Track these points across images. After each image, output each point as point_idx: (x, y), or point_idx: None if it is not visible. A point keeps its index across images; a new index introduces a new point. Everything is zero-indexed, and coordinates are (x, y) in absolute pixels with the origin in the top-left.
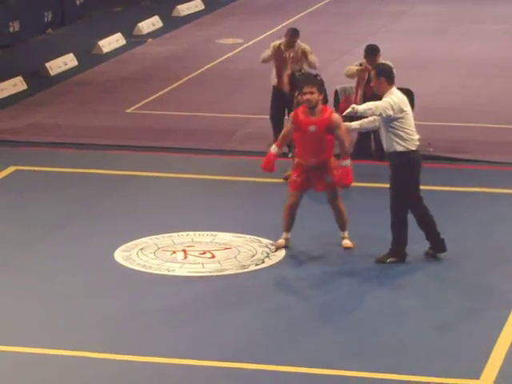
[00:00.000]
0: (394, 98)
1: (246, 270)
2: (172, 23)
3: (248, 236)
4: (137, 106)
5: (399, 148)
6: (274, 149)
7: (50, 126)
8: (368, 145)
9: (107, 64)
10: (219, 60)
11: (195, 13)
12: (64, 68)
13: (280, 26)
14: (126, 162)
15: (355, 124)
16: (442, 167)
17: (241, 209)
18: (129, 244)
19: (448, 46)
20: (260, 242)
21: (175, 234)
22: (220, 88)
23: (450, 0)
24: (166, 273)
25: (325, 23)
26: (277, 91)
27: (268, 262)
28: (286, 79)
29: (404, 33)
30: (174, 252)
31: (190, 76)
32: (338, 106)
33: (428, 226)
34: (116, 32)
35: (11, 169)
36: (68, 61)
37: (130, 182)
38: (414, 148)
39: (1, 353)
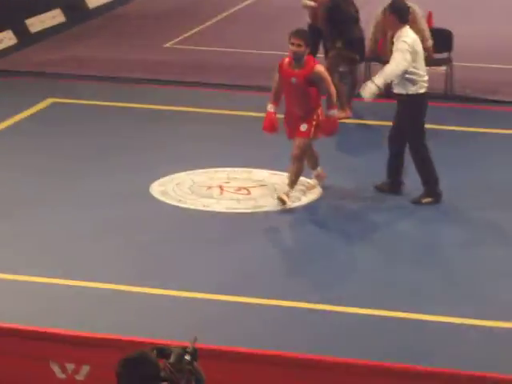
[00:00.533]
0: (408, 40)
1: (280, 208)
2: None
3: (284, 173)
4: (175, 40)
5: (410, 91)
6: (270, 107)
7: (88, 59)
8: None
9: None
10: None
11: None
12: (102, 1)
13: None
14: (162, 96)
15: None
16: (479, 108)
17: (277, 146)
18: (165, 178)
19: None
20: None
21: (211, 170)
22: (256, 25)
23: None
24: (201, 208)
25: None
26: (313, 28)
27: (304, 200)
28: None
29: None
30: (210, 188)
31: (226, 13)
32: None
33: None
34: None
35: (48, 101)
36: None
37: (167, 116)
38: (423, 90)
39: (40, 285)
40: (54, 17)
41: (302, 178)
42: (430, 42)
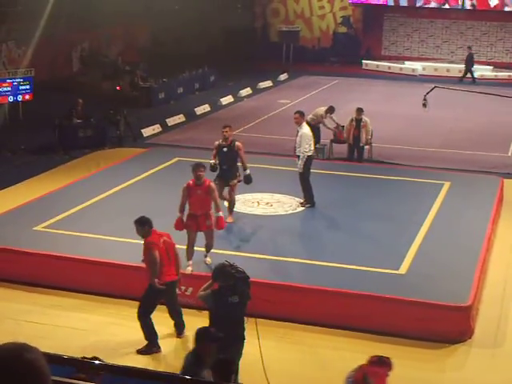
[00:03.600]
0: (306, 131)
1: (286, 213)
2: (256, 91)
3: (296, 198)
4: (240, 129)
5: (304, 153)
6: (179, 216)
7: (194, 139)
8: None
9: (224, 110)
10: (279, 110)
11: (268, 86)
12: (203, 111)
13: (309, 94)
14: None
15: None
16: (384, 166)
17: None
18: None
19: (388, 107)
20: (295, 199)
21: (258, 195)
22: (279, 124)
23: (392, 83)
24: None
25: (332, 92)
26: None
27: (298, 210)
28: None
29: (368, 100)
30: (253, 202)
31: (263, 117)
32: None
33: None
34: (229, 94)
35: (175, 159)
36: (205, 107)
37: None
38: (310, 153)
39: None
40: (179, 118)
41: (298, 199)
42: (369, 138)
